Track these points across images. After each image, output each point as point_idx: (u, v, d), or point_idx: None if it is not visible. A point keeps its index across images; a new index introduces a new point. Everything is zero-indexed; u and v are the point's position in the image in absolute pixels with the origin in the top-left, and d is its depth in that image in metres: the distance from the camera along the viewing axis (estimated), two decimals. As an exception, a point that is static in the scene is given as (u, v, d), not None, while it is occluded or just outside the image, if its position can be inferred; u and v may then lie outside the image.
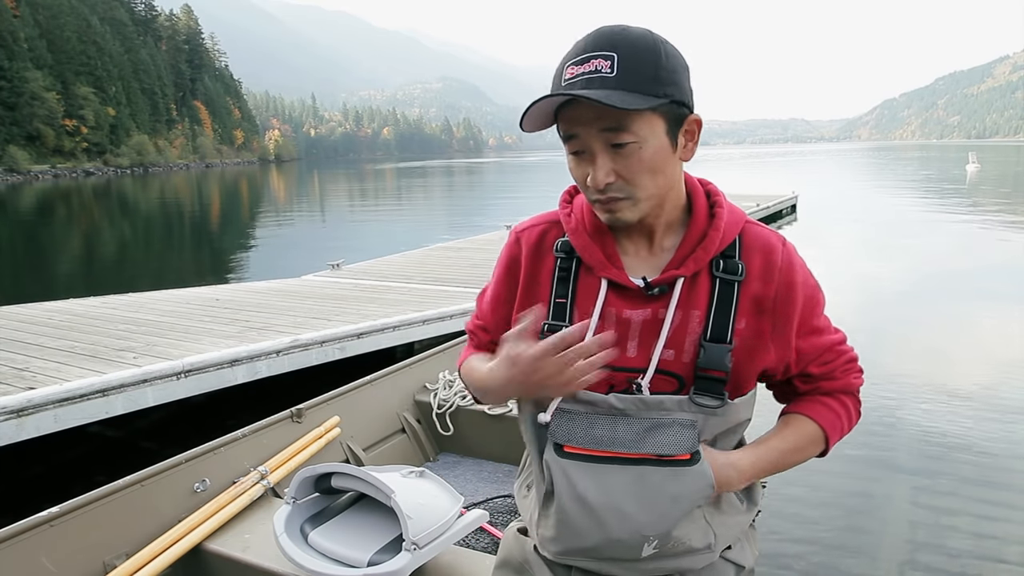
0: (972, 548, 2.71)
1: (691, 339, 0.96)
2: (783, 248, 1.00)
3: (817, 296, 1.03)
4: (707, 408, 0.95)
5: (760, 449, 1.02)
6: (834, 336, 1.05)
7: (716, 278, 0.97)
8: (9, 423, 3.07)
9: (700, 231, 0.98)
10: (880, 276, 8.94)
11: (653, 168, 0.91)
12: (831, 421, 1.05)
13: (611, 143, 0.89)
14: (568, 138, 0.92)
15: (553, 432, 0.98)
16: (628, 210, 0.93)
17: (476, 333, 1.19)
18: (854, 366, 1.07)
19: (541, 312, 0.95)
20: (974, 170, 33.68)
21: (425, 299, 5.53)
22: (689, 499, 0.95)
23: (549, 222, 1.07)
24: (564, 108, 0.90)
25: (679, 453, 0.94)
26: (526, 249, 1.06)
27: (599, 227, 1.01)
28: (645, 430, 0.94)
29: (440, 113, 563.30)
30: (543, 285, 1.04)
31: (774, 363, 0.99)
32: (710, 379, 0.95)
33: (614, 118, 0.87)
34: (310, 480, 1.81)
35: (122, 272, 12.04)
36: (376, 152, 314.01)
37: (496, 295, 1.12)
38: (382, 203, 27.62)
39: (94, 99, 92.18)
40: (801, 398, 1.07)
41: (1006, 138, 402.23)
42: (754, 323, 0.97)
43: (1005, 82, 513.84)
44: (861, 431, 3.83)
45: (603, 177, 0.90)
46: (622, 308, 0.97)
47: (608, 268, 0.98)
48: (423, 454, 2.97)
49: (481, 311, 1.17)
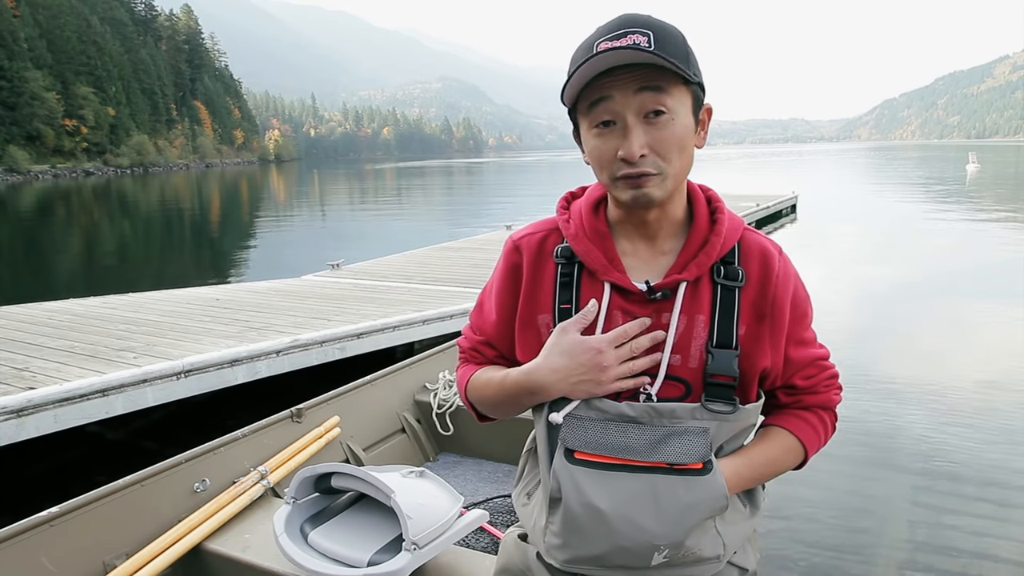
0: (972, 548, 2.71)
1: (697, 344, 0.96)
2: (780, 256, 1.01)
3: (807, 308, 1.04)
4: (720, 414, 0.95)
5: (742, 460, 1.01)
6: (820, 350, 1.07)
7: (717, 284, 0.97)
8: (9, 423, 3.07)
9: (702, 236, 0.99)
10: (880, 276, 8.93)
11: (682, 145, 0.92)
12: (810, 437, 1.06)
13: (646, 111, 0.89)
14: (597, 102, 0.90)
15: (564, 437, 0.97)
16: (657, 187, 0.92)
17: (480, 351, 1.15)
18: (835, 382, 1.09)
19: (594, 306, 0.97)
20: (974, 170, 33.69)
21: (425, 299, 5.53)
22: (702, 510, 0.94)
23: (547, 229, 1.07)
24: (599, 77, 0.89)
25: (692, 462, 0.93)
26: (527, 256, 1.05)
27: (599, 231, 1.01)
28: (659, 438, 0.94)
29: (440, 113, 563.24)
30: (546, 292, 1.03)
31: (769, 369, 1.00)
32: (720, 385, 0.95)
33: (654, 79, 0.88)
34: (310, 480, 1.80)
35: (122, 272, 12.03)
36: (376, 152, 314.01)
37: (500, 306, 1.09)
38: (382, 203, 27.62)
39: (94, 99, 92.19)
40: (782, 411, 1.08)
41: (1006, 138, 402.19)
42: (753, 329, 0.98)
43: (1005, 82, 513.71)
44: (861, 431, 3.84)
45: (638, 148, 0.89)
46: (626, 312, 0.97)
47: (611, 272, 0.98)
48: (423, 454, 2.97)
49: (481, 327, 1.14)
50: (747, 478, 1.01)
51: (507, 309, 1.08)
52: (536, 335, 1.03)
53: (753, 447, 1.04)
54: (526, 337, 1.05)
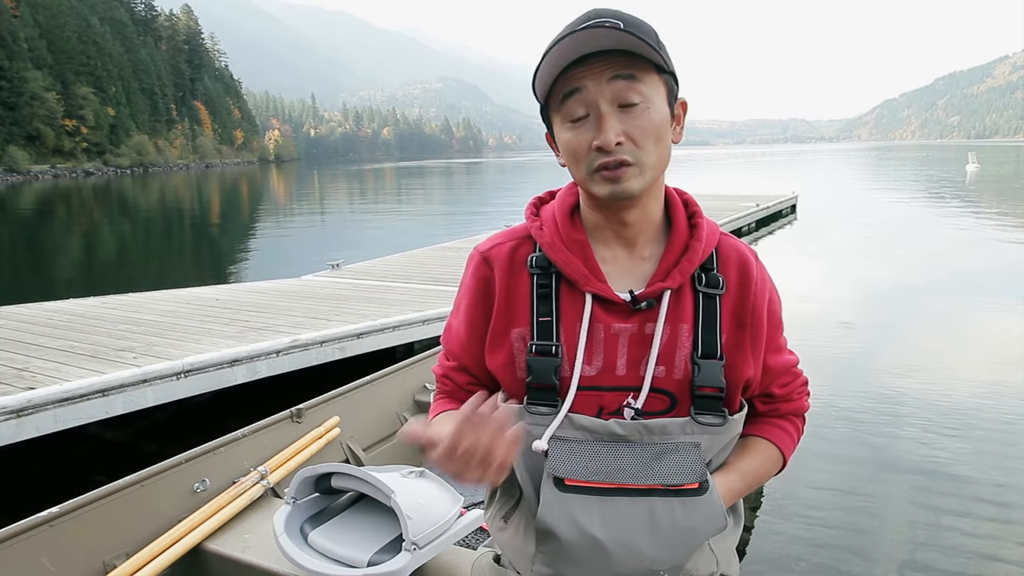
0: (972, 548, 2.71)
1: (682, 355, 0.93)
2: (756, 262, 1.00)
3: (780, 314, 1.03)
4: (710, 427, 0.93)
5: (734, 475, 0.99)
6: (792, 357, 1.06)
7: (699, 292, 0.95)
8: (9, 423, 3.07)
9: (682, 241, 0.96)
10: (880, 276, 8.93)
11: (658, 134, 0.88)
12: (788, 444, 1.07)
13: (619, 102, 0.86)
14: (570, 95, 0.87)
15: (553, 466, 0.91)
16: (635, 179, 0.88)
17: (451, 377, 1.07)
18: (806, 390, 1.09)
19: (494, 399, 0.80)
20: (974, 170, 33.69)
21: (425, 299, 5.53)
22: (702, 532, 0.92)
23: (517, 238, 1.01)
24: (569, 68, 0.87)
25: (688, 482, 0.90)
26: (499, 269, 0.99)
27: (574, 238, 0.96)
28: (651, 458, 0.91)
29: (440, 113, 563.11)
30: (521, 305, 0.97)
31: (751, 379, 0.98)
32: (708, 397, 0.93)
33: (627, 67, 0.85)
34: (310, 480, 1.80)
35: (122, 272, 12.04)
36: (376, 152, 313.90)
37: (471, 325, 1.02)
38: (382, 203, 27.62)
39: (94, 99, 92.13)
40: (760, 421, 1.06)
41: (1006, 138, 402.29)
42: (735, 337, 0.96)
43: (1005, 82, 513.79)
44: (861, 431, 3.84)
45: (614, 136, 0.85)
46: (609, 322, 0.93)
47: (592, 282, 0.94)
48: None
49: (452, 351, 1.07)
50: (738, 492, 1.00)
51: (477, 326, 1.01)
52: (509, 349, 0.97)
53: (741, 460, 1.02)
54: (496, 352, 0.98)
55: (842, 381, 4.72)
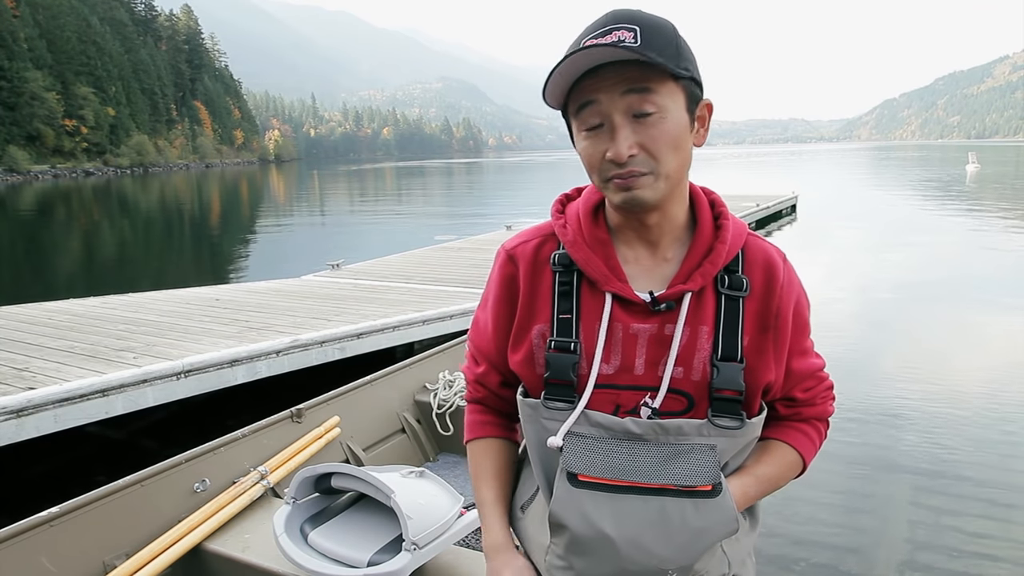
0: (972, 548, 2.71)
1: (700, 357, 0.93)
2: (784, 265, 0.98)
3: (808, 317, 1.02)
4: (727, 430, 0.92)
5: (749, 479, 0.99)
6: (818, 360, 1.05)
7: (721, 294, 0.94)
8: (9, 423, 3.07)
9: (706, 243, 0.95)
10: (881, 276, 8.94)
11: (675, 143, 0.87)
12: (810, 449, 1.05)
13: (634, 112, 0.85)
14: (584, 106, 0.87)
15: (568, 461, 0.92)
16: (649, 187, 0.87)
17: (482, 383, 1.09)
18: (831, 394, 1.07)
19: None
20: (974, 170, 33.70)
21: (425, 299, 5.53)
22: (713, 534, 0.92)
23: (542, 236, 1.02)
24: (583, 79, 0.86)
25: (701, 483, 0.90)
26: (523, 266, 1.00)
27: (598, 237, 0.97)
28: (666, 458, 0.91)
29: (440, 113, 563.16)
30: (543, 301, 0.98)
31: (772, 382, 0.97)
32: (726, 399, 0.92)
33: (639, 80, 0.84)
34: (310, 480, 1.80)
35: (122, 272, 12.04)
36: (376, 152, 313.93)
37: (497, 318, 1.03)
38: (382, 203, 27.62)
39: (94, 99, 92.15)
40: (781, 424, 1.06)
41: (1006, 138, 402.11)
42: (757, 340, 0.95)
43: (1005, 82, 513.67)
44: (862, 431, 3.84)
45: (626, 149, 0.84)
46: (629, 322, 0.94)
47: (612, 282, 0.94)
48: (423, 454, 2.97)
49: (480, 347, 1.08)
50: (753, 496, 0.99)
51: (504, 321, 1.02)
52: (529, 345, 0.98)
53: (758, 464, 1.02)
54: (518, 349, 1.00)
55: (842, 381, 4.71)
